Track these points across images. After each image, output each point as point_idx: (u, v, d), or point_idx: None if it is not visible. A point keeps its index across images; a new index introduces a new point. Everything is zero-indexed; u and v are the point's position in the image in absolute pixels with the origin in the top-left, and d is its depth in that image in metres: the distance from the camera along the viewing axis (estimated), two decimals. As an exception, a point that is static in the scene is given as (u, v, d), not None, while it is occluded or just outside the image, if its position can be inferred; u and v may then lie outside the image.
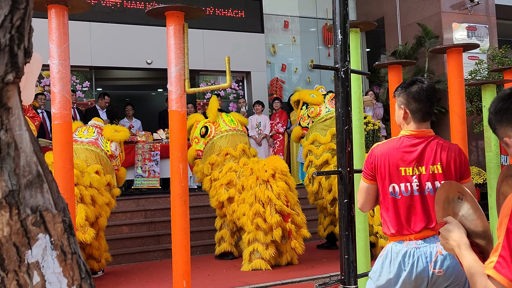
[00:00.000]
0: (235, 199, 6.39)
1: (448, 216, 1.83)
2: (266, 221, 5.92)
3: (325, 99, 7.17)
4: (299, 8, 12.86)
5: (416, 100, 2.54)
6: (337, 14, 3.19)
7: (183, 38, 4.01)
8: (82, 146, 6.07)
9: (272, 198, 5.89)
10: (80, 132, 6.25)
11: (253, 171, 6.32)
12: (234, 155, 6.67)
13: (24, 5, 0.84)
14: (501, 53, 10.49)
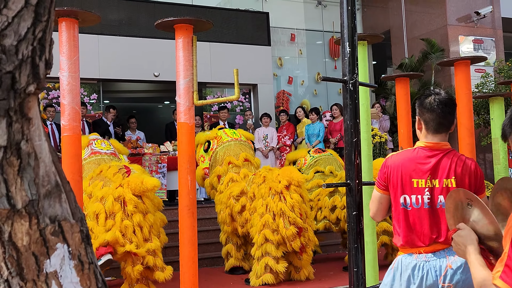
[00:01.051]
0: (246, 207, 6.26)
1: (460, 223, 1.84)
2: (278, 233, 5.75)
3: (309, 152, 7.44)
4: (305, 21, 12.92)
5: (429, 110, 2.53)
6: (345, 27, 3.21)
7: (191, 51, 4.04)
8: (107, 157, 6.04)
9: (286, 210, 5.71)
10: (98, 144, 6.20)
11: (265, 179, 6.14)
12: (236, 163, 6.59)
13: (46, 17, 0.86)
14: (507, 66, 10.48)
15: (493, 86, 10.17)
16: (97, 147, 6.12)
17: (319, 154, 7.30)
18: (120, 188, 4.79)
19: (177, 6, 10.88)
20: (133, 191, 4.74)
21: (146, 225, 4.83)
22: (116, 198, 4.77)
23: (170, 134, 9.76)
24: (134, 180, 4.79)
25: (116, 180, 4.91)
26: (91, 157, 5.88)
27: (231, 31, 11.30)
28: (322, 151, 7.54)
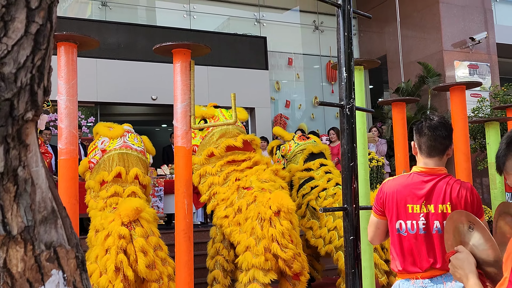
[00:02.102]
0: (229, 218, 6.00)
1: (459, 245, 1.82)
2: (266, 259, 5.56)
3: (293, 138, 7.28)
4: (302, 45, 13.05)
5: (421, 135, 2.55)
6: (342, 53, 3.24)
7: (189, 75, 4.07)
8: (137, 154, 5.83)
9: (277, 237, 5.54)
10: (131, 138, 5.98)
11: (256, 200, 5.91)
12: (236, 145, 6.04)
13: (45, 45, 0.87)
14: (503, 91, 10.57)
15: (489, 111, 10.24)
16: (130, 141, 5.92)
17: (304, 142, 7.22)
18: (112, 223, 4.63)
19: (175, 30, 10.99)
20: (126, 220, 4.58)
21: (150, 250, 4.66)
22: (108, 233, 4.58)
23: (167, 158, 9.75)
24: (123, 208, 4.65)
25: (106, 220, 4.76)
26: (122, 149, 5.69)
27: (229, 55, 11.39)
28: (306, 138, 7.45)
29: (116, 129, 5.77)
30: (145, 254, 4.46)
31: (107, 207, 5.23)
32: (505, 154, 1.64)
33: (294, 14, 13.09)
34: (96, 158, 5.63)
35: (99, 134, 5.87)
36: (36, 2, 0.85)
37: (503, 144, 1.66)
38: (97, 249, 4.59)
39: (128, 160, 5.65)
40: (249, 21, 12.45)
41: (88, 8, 11.23)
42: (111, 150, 5.58)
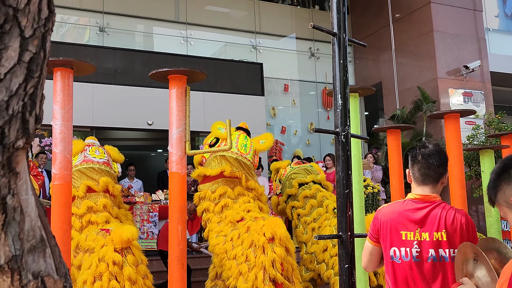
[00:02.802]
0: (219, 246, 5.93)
1: (464, 278, 1.82)
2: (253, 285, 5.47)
3: (291, 164, 7.32)
4: (299, 72, 13.14)
5: (415, 162, 2.57)
6: (337, 80, 3.26)
7: (185, 101, 4.08)
8: (99, 166, 5.80)
9: (266, 266, 5.45)
10: (92, 151, 5.95)
11: (249, 229, 5.88)
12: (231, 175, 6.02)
13: (38, 74, 0.87)
14: (497, 118, 10.64)
15: (483, 138, 10.28)
16: (91, 155, 5.89)
17: (299, 166, 7.24)
18: (104, 248, 4.53)
19: (172, 56, 11.06)
20: (119, 246, 4.51)
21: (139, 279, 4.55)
22: (101, 258, 4.47)
23: (162, 183, 9.71)
24: (116, 234, 4.58)
25: (97, 243, 4.68)
26: (83, 164, 5.66)
27: (225, 81, 11.46)
28: (302, 162, 7.49)
29: (75, 145, 5.63)
30: (135, 283, 4.40)
31: (86, 225, 5.17)
32: (495, 186, 1.65)
33: (290, 41, 13.22)
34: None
35: None
36: (30, 31, 0.85)
37: (493, 176, 1.67)
38: (85, 274, 4.52)
39: (92, 174, 5.63)
40: (246, 48, 12.56)
41: (86, 33, 11.32)
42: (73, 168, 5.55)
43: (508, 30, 13.41)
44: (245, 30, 12.66)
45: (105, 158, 6.02)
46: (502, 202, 1.72)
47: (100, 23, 11.17)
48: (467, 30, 11.92)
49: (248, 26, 12.71)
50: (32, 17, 0.85)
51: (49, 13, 0.91)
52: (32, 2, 0.85)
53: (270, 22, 12.97)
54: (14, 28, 0.83)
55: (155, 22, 11.82)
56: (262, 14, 12.92)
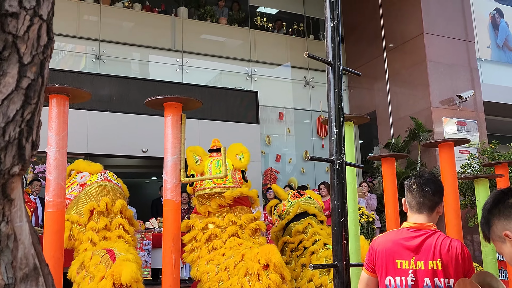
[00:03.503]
0: (211, 275, 5.85)
1: None
2: None
3: (288, 197, 7.27)
4: (293, 100, 13.22)
5: (411, 191, 2.58)
6: (332, 109, 3.27)
7: (180, 128, 4.09)
8: (117, 189, 5.83)
9: None
10: (111, 174, 6.01)
11: (243, 258, 5.82)
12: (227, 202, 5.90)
13: (36, 100, 0.87)
14: (491, 147, 10.69)
15: (478, 167, 10.31)
16: (110, 177, 5.97)
17: (298, 199, 7.20)
18: (104, 281, 4.47)
19: (167, 84, 11.11)
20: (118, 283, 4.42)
21: None
22: None
23: (156, 211, 9.65)
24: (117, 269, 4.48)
25: (98, 273, 4.64)
26: (105, 182, 5.71)
27: (220, 108, 11.50)
28: (300, 195, 7.42)
29: (94, 165, 5.79)
30: None
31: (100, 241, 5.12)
32: (487, 221, 1.66)
33: (285, 70, 13.34)
34: (74, 193, 5.57)
35: (76, 171, 5.88)
36: (29, 58, 0.85)
37: (484, 211, 1.68)
38: None
39: (111, 193, 5.63)
40: (241, 76, 12.65)
41: (82, 61, 11.38)
42: (93, 183, 5.57)
43: (500, 61, 13.59)
44: (240, 59, 12.77)
45: (120, 184, 6.10)
46: (495, 237, 1.72)
47: (96, 50, 11.25)
48: (460, 60, 12.07)
49: (244, 55, 12.83)
50: (31, 44, 0.86)
51: (48, 40, 0.91)
52: (31, 29, 0.85)
53: (265, 51, 13.10)
54: (13, 55, 0.83)
55: (151, 50, 11.91)
56: (258, 43, 13.06)
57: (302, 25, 13.87)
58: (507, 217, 1.62)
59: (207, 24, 12.68)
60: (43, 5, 0.87)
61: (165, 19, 12.25)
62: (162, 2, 12.77)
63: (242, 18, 13.31)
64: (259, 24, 13.38)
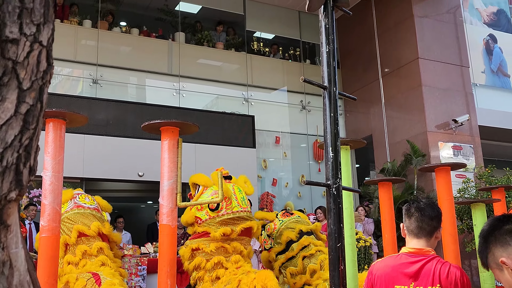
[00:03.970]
0: None
1: None
2: None
3: (277, 216, 7.22)
4: (290, 124, 13.26)
5: (408, 217, 2.58)
6: (328, 133, 3.28)
7: (177, 153, 4.08)
8: (90, 211, 5.76)
9: None
10: (82, 198, 5.95)
11: (240, 283, 5.81)
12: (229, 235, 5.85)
13: (34, 125, 0.87)
14: (487, 172, 10.70)
15: (474, 191, 10.31)
16: (81, 201, 5.89)
17: (288, 218, 7.15)
18: None
19: (164, 108, 11.14)
20: None
21: None
22: None
23: (151, 235, 9.58)
24: None
25: None
26: (74, 210, 5.63)
27: (216, 133, 11.51)
28: (290, 214, 7.37)
29: (64, 194, 5.68)
30: None
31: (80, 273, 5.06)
32: (484, 249, 1.66)
33: (281, 94, 13.40)
34: None
35: None
36: (28, 83, 0.86)
37: (480, 239, 1.68)
38: None
39: (82, 219, 5.58)
40: (238, 100, 12.70)
41: (79, 85, 11.42)
42: (63, 214, 5.51)
43: (494, 86, 13.71)
44: (237, 83, 12.84)
45: (95, 204, 6.03)
46: (492, 265, 1.72)
47: (93, 75, 11.30)
48: (455, 85, 12.17)
49: (240, 79, 12.91)
50: (31, 70, 0.86)
51: (48, 66, 0.92)
52: (31, 55, 0.86)
53: (262, 75, 13.18)
54: (13, 81, 0.83)
55: (148, 75, 11.98)
56: (254, 68, 13.15)
57: (298, 50, 13.99)
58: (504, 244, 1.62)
59: (204, 48, 12.78)
60: (43, 31, 0.88)
61: (163, 44, 12.34)
62: (160, 27, 12.89)
63: (239, 43, 13.42)
64: (256, 49, 13.49)
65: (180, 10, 13.01)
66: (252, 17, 13.56)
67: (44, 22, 0.86)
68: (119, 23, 12.61)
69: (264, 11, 13.68)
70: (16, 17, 0.81)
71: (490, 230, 1.71)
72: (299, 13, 14.01)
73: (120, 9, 13.07)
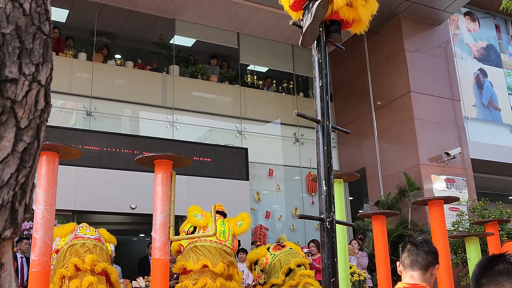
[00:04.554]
0: None
1: None
2: None
3: (268, 250, 7.16)
4: (283, 157, 13.28)
5: (403, 251, 2.60)
6: (321, 166, 3.30)
7: (170, 186, 4.07)
8: (90, 241, 5.67)
9: None
10: (83, 230, 5.88)
11: None
12: (213, 270, 5.86)
13: (30, 163, 0.87)
14: (480, 205, 10.72)
15: (468, 225, 10.30)
16: (81, 233, 5.80)
17: (280, 251, 7.05)
18: None
19: (157, 140, 11.15)
20: None
21: None
22: None
23: (143, 269, 9.46)
24: None
25: None
26: (73, 241, 5.53)
27: (210, 165, 11.50)
28: (281, 247, 7.28)
29: (65, 227, 5.68)
30: None
31: None
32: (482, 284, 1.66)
33: (275, 127, 13.46)
34: (53, 263, 5.45)
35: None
36: (26, 122, 0.86)
37: (473, 282, 1.68)
38: None
39: (81, 251, 5.51)
40: (231, 133, 12.74)
41: (73, 117, 11.43)
42: (63, 247, 5.46)
43: (485, 119, 13.84)
44: (230, 116, 12.90)
45: (96, 235, 5.97)
46: None
47: (87, 107, 11.32)
48: (447, 118, 12.28)
49: (234, 112, 12.97)
50: (29, 109, 0.87)
51: (45, 105, 0.93)
52: (30, 94, 0.87)
53: (255, 108, 13.26)
54: (10, 120, 0.84)
55: (142, 107, 12.02)
56: (248, 100, 13.23)
57: (291, 83, 14.12)
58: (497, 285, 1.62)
59: (198, 81, 12.88)
60: (42, 71, 0.89)
61: (157, 77, 12.43)
62: (154, 60, 13.00)
63: (232, 76, 13.54)
64: (250, 82, 13.61)
65: (175, 43, 13.15)
66: (246, 50, 13.71)
67: (43, 62, 0.88)
68: (114, 56, 12.72)
69: (258, 44, 13.86)
70: (16, 58, 0.83)
71: (481, 272, 1.71)
72: (293, 46, 14.19)
73: (115, 42, 13.20)
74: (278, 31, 13.43)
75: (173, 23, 12.79)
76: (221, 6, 12.28)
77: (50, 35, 0.92)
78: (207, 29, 13.12)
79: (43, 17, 0.87)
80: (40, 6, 0.86)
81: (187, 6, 12.29)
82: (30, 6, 0.84)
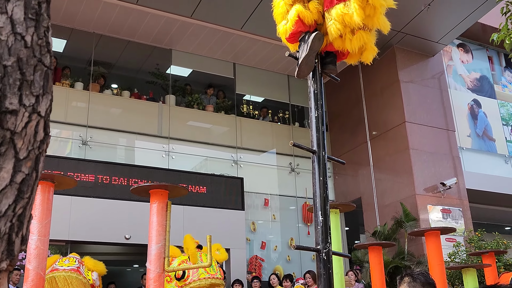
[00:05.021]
0: None
1: None
2: None
3: None
4: (279, 187, 13.24)
5: (402, 282, 2.60)
6: (317, 197, 3.29)
7: (165, 216, 4.05)
8: (64, 273, 5.59)
9: None
10: (61, 262, 5.86)
11: None
12: None
13: (28, 194, 0.87)
14: (477, 236, 10.68)
15: (465, 256, 10.24)
16: (59, 265, 5.78)
17: None
18: None
19: (153, 170, 11.12)
20: None
21: None
22: None
23: (137, 300, 9.33)
24: None
25: None
26: (48, 275, 5.44)
27: (205, 195, 11.46)
28: None
29: (49, 260, 5.61)
30: None
31: None
32: None
33: (270, 156, 13.47)
34: None
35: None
36: (25, 153, 0.87)
37: None
38: None
39: (54, 284, 5.44)
40: (227, 162, 12.73)
41: (68, 146, 11.41)
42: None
43: (480, 149, 13.90)
44: (226, 145, 12.91)
45: (74, 265, 5.91)
46: None
47: (83, 136, 11.32)
48: (442, 148, 12.33)
49: (230, 141, 12.99)
50: (28, 140, 0.87)
51: (45, 136, 0.93)
52: (29, 126, 0.87)
53: (251, 137, 13.29)
54: (10, 150, 0.84)
55: (138, 136, 12.02)
56: (244, 130, 13.27)
57: (287, 113, 14.19)
58: None
59: (194, 111, 12.93)
60: (42, 102, 0.89)
61: (153, 106, 12.47)
62: (151, 89, 13.06)
63: (228, 105, 13.61)
64: (245, 112, 13.67)
65: (171, 73, 13.24)
66: (242, 80, 13.81)
67: (43, 93, 0.88)
68: (111, 85, 12.78)
69: (254, 75, 13.97)
70: (17, 89, 0.83)
71: None
72: (288, 77, 14.31)
73: (112, 72, 13.28)
74: (274, 61, 13.57)
75: (170, 53, 12.90)
76: (217, 36, 12.42)
77: (50, 67, 0.93)
78: (203, 59, 13.24)
79: (44, 49, 0.88)
80: (41, 38, 0.87)
81: (184, 37, 12.42)
82: (32, 39, 0.85)
